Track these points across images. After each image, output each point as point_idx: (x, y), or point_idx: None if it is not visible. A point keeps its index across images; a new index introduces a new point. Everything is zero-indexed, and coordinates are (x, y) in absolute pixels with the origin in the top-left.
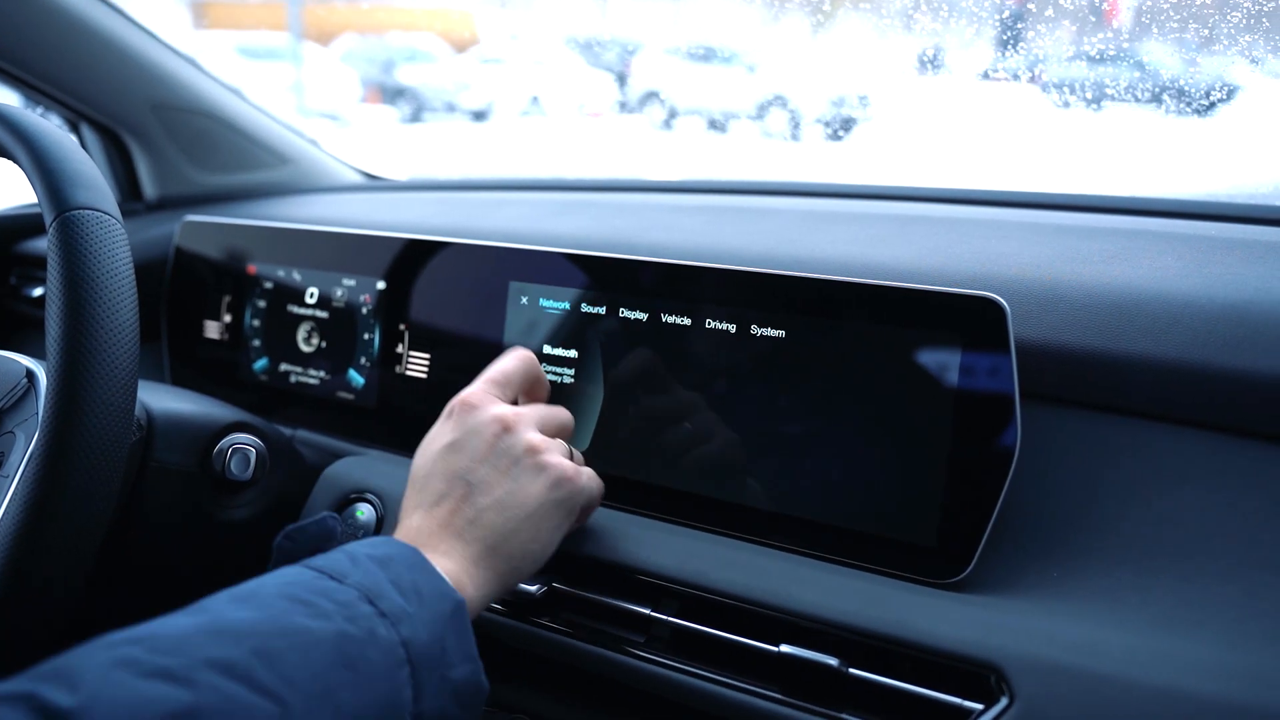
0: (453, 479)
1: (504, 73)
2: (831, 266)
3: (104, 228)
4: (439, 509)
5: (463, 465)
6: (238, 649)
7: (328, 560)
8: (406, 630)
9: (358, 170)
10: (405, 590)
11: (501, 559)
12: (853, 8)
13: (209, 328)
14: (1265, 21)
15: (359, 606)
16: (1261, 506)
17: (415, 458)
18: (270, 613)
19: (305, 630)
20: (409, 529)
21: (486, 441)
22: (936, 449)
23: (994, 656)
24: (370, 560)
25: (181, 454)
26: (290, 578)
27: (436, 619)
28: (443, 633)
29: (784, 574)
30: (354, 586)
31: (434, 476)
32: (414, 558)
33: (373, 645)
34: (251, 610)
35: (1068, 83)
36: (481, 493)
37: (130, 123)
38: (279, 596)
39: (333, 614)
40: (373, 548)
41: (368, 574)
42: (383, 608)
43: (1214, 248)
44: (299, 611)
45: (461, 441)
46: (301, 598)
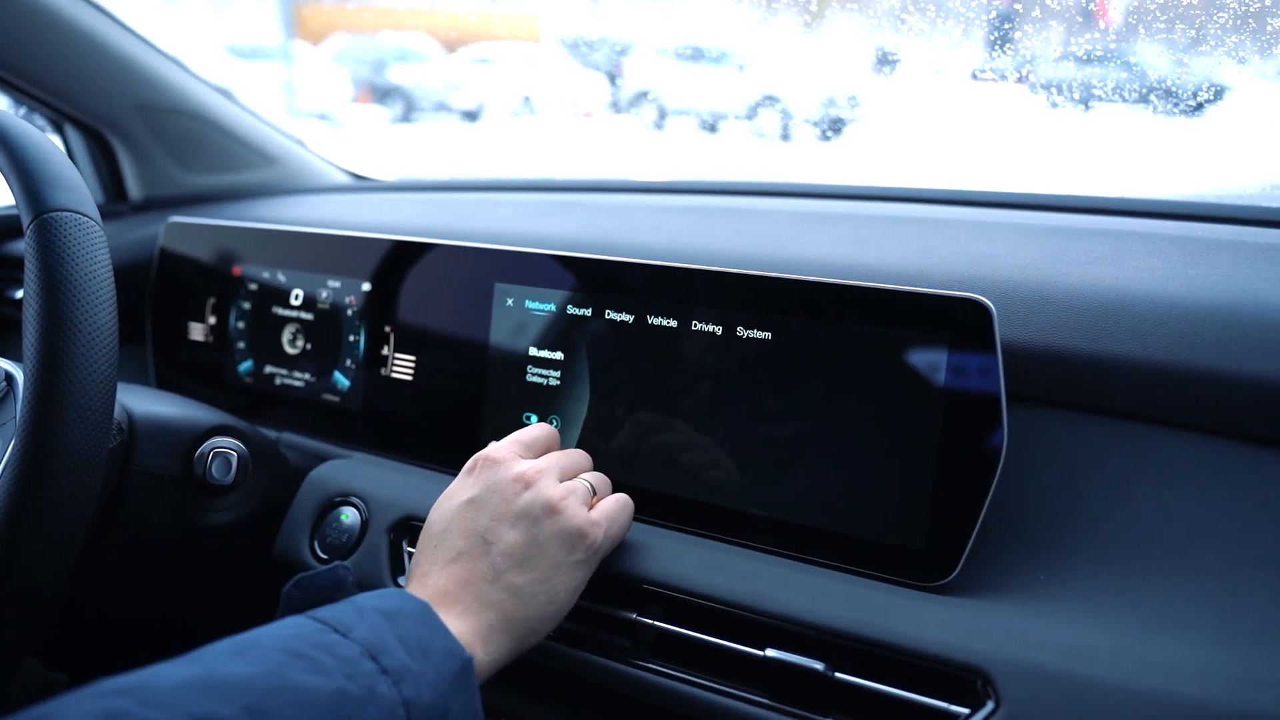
0: (472, 536)
1: (495, 73)
2: (818, 268)
3: (82, 229)
4: (456, 567)
5: (483, 524)
6: (229, 706)
7: (334, 612)
8: (409, 690)
9: (345, 171)
10: (411, 647)
11: (518, 623)
12: (842, 8)
13: (194, 330)
14: (1252, 22)
15: (361, 663)
16: (1248, 508)
17: (431, 513)
18: (267, 667)
19: (302, 687)
20: (426, 587)
21: (506, 500)
22: (923, 451)
23: (980, 661)
24: (377, 614)
25: (163, 457)
26: (293, 630)
27: (442, 678)
28: (447, 693)
29: (770, 577)
30: (358, 641)
31: (452, 533)
32: (423, 613)
33: (372, 704)
34: (248, 664)
35: (1057, 83)
36: (501, 554)
37: (115, 123)
38: (278, 650)
39: (333, 670)
40: (381, 600)
41: (373, 628)
42: (385, 664)
43: (1201, 249)
44: (297, 666)
45: (482, 499)
46: (302, 652)
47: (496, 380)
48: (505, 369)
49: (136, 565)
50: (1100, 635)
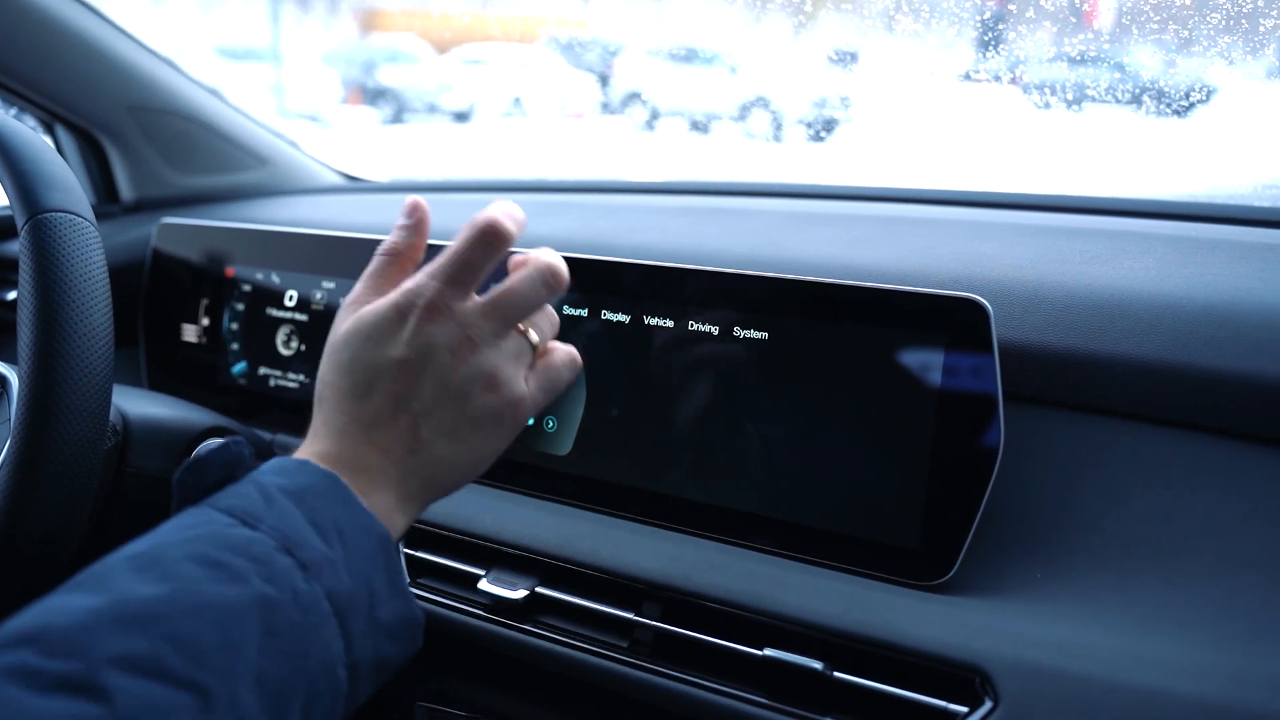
0: (395, 400)
1: (486, 74)
2: (814, 268)
3: (77, 230)
4: (377, 433)
5: (411, 390)
6: (146, 638)
7: (238, 500)
8: (329, 580)
9: (337, 172)
10: (326, 531)
11: (437, 490)
12: (834, 9)
13: (187, 331)
14: (1244, 23)
15: (277, 560)
16: (1243, 506)
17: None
18: (178, 583)
19: (220, 603)
20: (341, 448)
21: (443, 370)
22: (920, 450)
23: (978, 659)
24: (285, 496)
25: (159, 459)
26: (198, 529)
27: (361, 559)
28: (368, 572)
29: (768, 577)
30: (268, 533)
31: (377, 392)
32: (334, 489)
33: (295, 605)
34: (156, 583)
35: (1048, 84)
36: (428, 426)
37: (106, 124)
38: (186, 559)
39: (248, 574)
40: (287, 477)
41: (283, 515)
42: (302, 558)
43: (1195, 248)
44: (211, 577)
45: (414, 364)
46: (212, 558)
47: None
48: None
49: None
50: (1098, 633)
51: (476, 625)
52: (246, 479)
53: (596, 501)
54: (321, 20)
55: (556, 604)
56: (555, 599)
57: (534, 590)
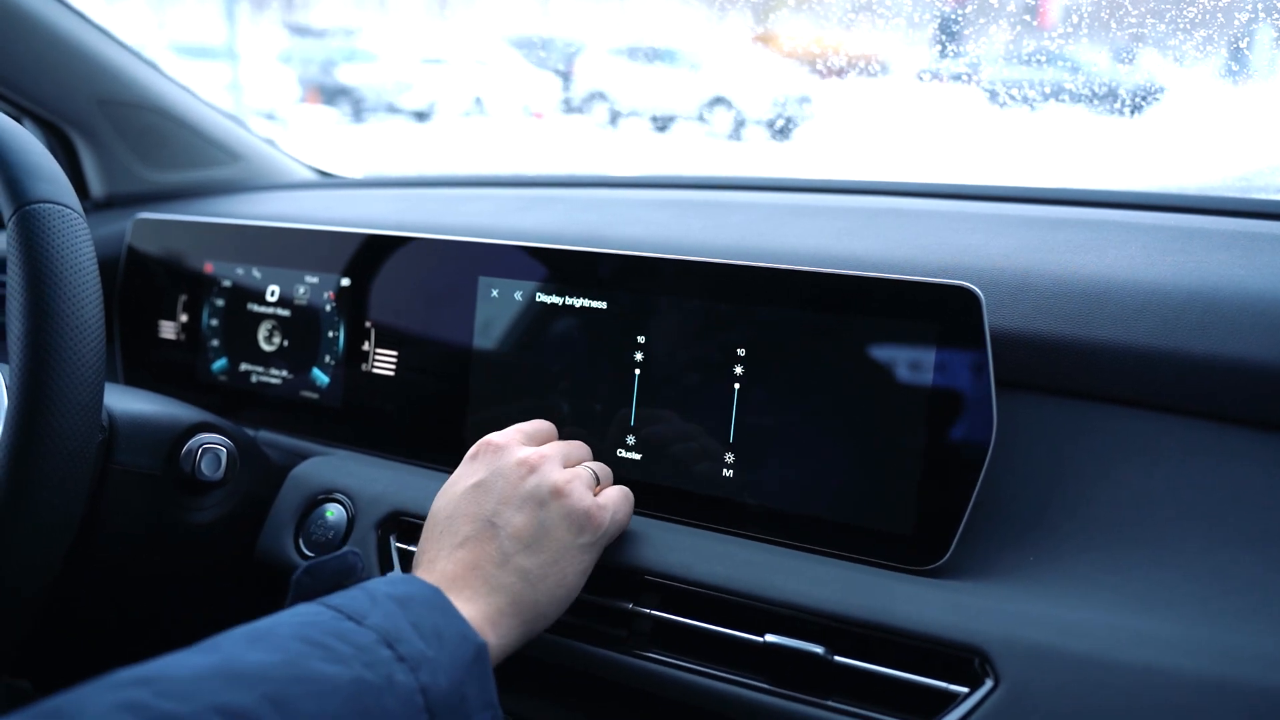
0: (478, 521)
1: (445, 73)
2: (802, 258)
3: (65, 221)
4: (463, 551)
5: (489, 507)
6: (249, 695)
7: (346, 599)
8: (426, 676)
9: (312, 168)
10: (425, 633)
11: (528, 606)
12: (794, 9)
13: (164, 328)
14: (1205, 17)
15: (377, 651)
16: (1229, 487)
17: (437, 499)
18: (285, 655)
19: (321, 676)
20: (434, 573)
21: (512, 483)
22: (913, 437)
23: (977, 640)
24: (390, 600)
25: (145, 456)
26: (307, 618)
27: (457, 664)
28: (463, 679)
29: (766, 564)
30: (372, 629)
31: (457, 518)
32: (435, 598)
33: (390, 693)
34: (265, 652)
35: (1006, 82)
36: (509, 537)
37: (75, 118)
38: (294, 638)
39: (350, 659)
40: (393, 586)
41: (387, 615)
42: (402, 652)
43: (1176, 237)
44: (315, 655)
45: (488, 483)
46: (318, 640)
47: (481, 374)
48: (489, 362)
49: (118, 564)
50: (1092, 613)
51: None
52: (357, 586)
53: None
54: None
55: None
56: None
57: None
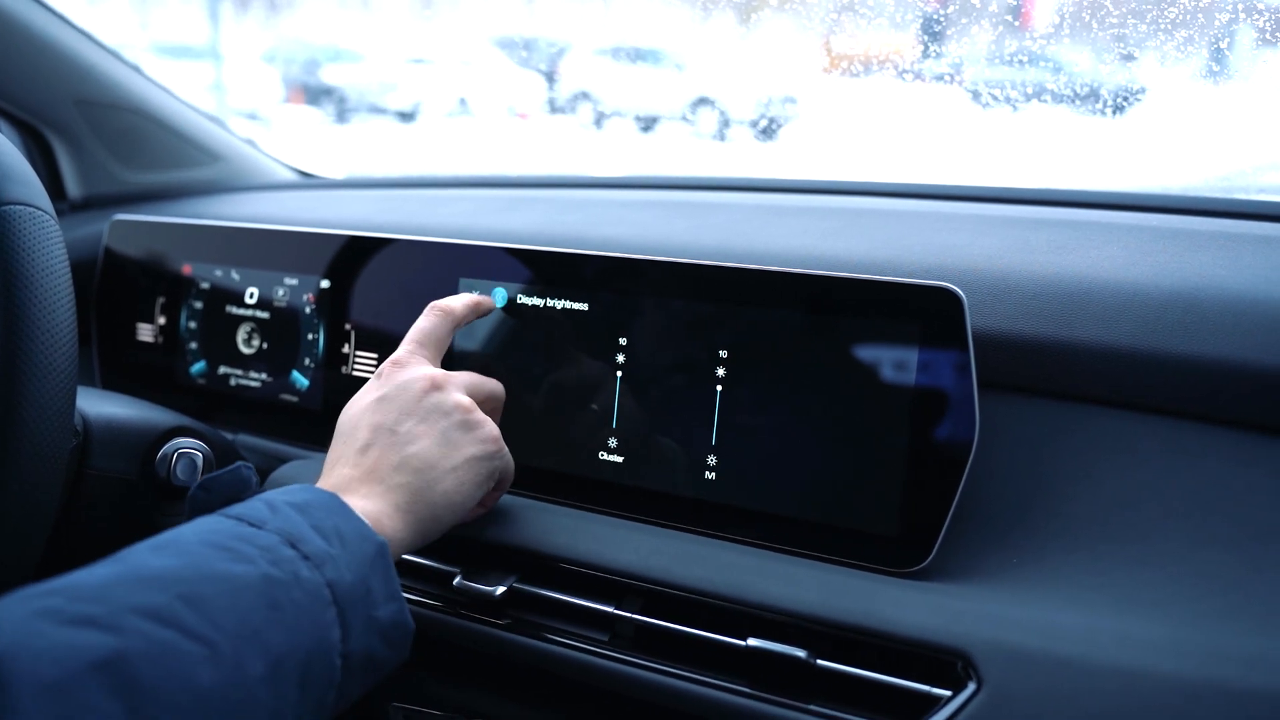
0: (378, 429)
1: (430, 73)
2: (785, 259)
3: (37, 224)
4: (364, 458)
5: (390, 418)
6: (162, 595)
7: (246, 508)
8: (330, 572)
9: (292, 168)
10: (327, 534)
11: (424, 505)
12: (779, 8)
13: (142, 331)
14: (1200, 17)
15: (281, 550)
16: (1211, 488)
17: (342, 412)
18: (192, 559)
19: (229, 575)
20: (334, 477)
21: (415, 396)
22: (896, 439)
23: (960, 643)
24: (289, 506)
25: (120, 460)
26: (209, 526)
27: (360, 560)
28: (366, 574)
29: (748, 567)
30: (274, 531)
31: (360, 428)
32: (333, 502)
33: (298, 587)
34: (172, 558)
35: (990, 83)
36: (408, 442)
37: (52, 119)
38: (200, 544)
39: (255, 558)
40: (290, 495)
41: (287, 520)
42: (305, 551)
43: (1158, 238)
44: (221, 557)
45: (390, 396)
46: (223, 544)
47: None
48: (470, 365)
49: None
50: (1075, 615)
51: (453, 623)
52: (256, 497)
53: (573, 496)
54: (261, 18)
55: (536, 599)
56: (534, 594)
57: (512, 585)
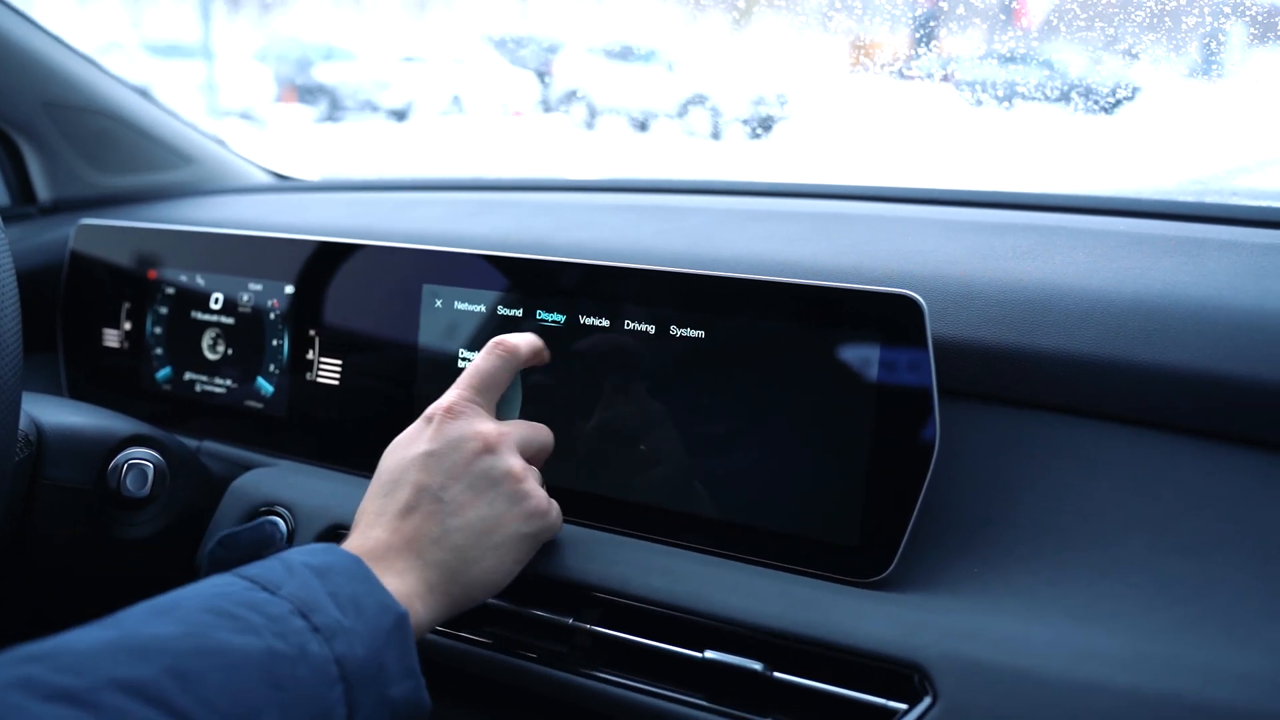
0: (423, 491)
1: (424, 71)
2: (750, 265)
3: None
4: (404, 523)
5: (437, 480)
6: (150, 668)
7: (262, 569)
8: (341, 646)
9: (266, 170)
10: (343, 603)
11: (458, 586)
12: (770, 7)
13: (108, 336)
14: (1167, 21)
15: (290, 621)
16: (1171, 497)
17: (385, 457)
18: (190, 627)
19: (229, 648)
20: (369, 539)
21: (466, 458)
22: (857, 447)
23: (916, 656)
24: (307, 570)
25: (75, 470)
26: (218, 588)
27: (375, 633)
28: (382, 648)
29: (706, 578)
30: (286, 599)
31: (403, 485)
32: (355, 568)
33: (304, 663)
34: (170, 624)
35: (980, 81)
36: (452, 513)
37: (20, 121)
38: (202, 609)
39: (261, 629)
40: (311, 555)
41: (303, 585)
42: (316, 622)
43: (1123, 243)
44: (224, 626)
45: (439, 454)
46: (228, 610)
47: (427, 383)
48: (435, 372)
49: (51, 579)
50: (1033, 626)
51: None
52: (275, 557)
53: None
54: (253, 17)
55: (492, 611)
56: (491, 605)
57: None
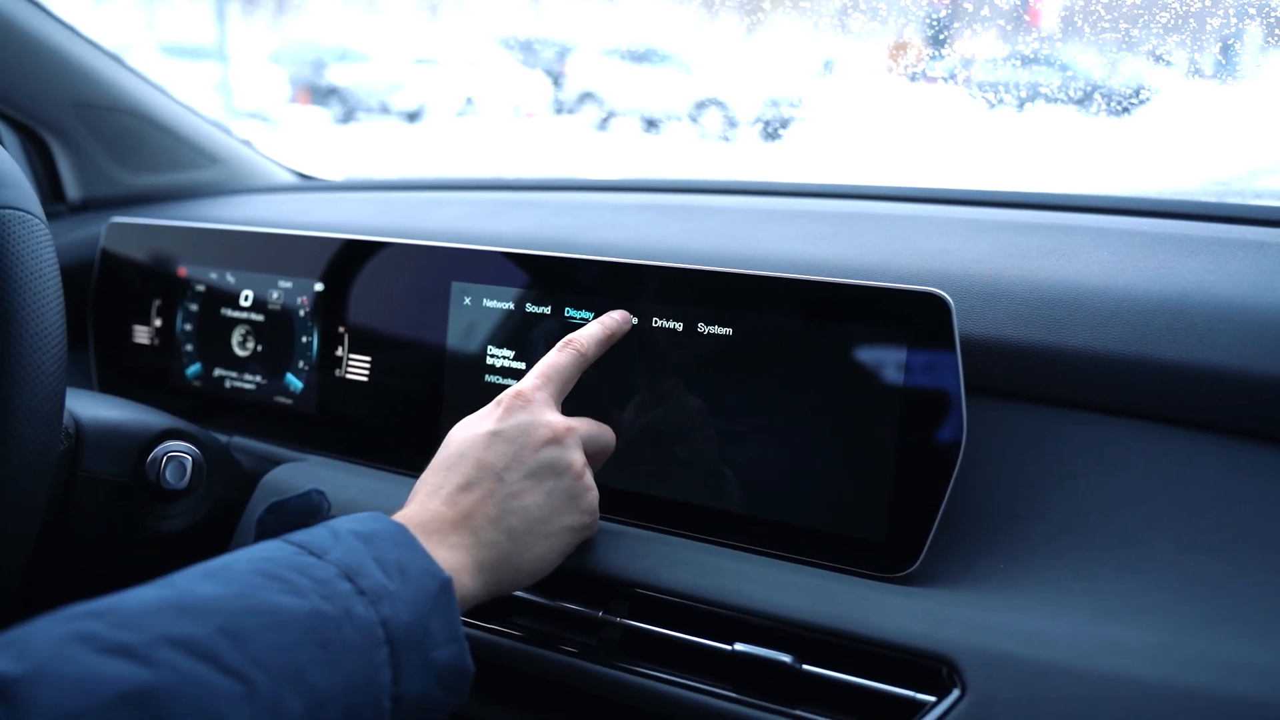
0: (485, 469)
1: (437, 73)
2: (776, 264)
3: (26, 228)
4: (463, 496)
5: (501, 461)
6: (202, 626)
7: (309, 535)
8: (387, 609)
9: (290, 170)
10: (388, 567)
11: (508, 569)
12: (785, 10)
13: (138, 333)
14: (1191, 22)
15: (337, 584)
16: (1196, 494)
17: (452, 433)
18: (240, 588)
19: (277, 607)
20: (426, 511)
21: (533, 445)
22: (884, 444)
23: (945, 649)
24: (353, 536)
25: (112, 463)
26: (267, 553)
27: (420, 598)
28: (426, 612)
29: (735, 571)
30: (333, 563)
31: (465, 461)
32: (400, 534)
33: (349, 624)
34: (220, 585)
35: (997, 84)
36: (511, 496)
37: (51, 121)
38: (252, 572)
39: (307, 591)
40: (358, 523)
41: (349, 550)
42: (362, 585)
43: (1148, 243)
44: (271, 588)
45: (506, 435)
46: (276, 574)
47: (454, 380)
48: (463, 369)
49: (86, 572)
50: (1060, 621)
51: None
52: (322, 524)
53: None
54: (267, 18)
55: (522, 603)
56: (522, 599)
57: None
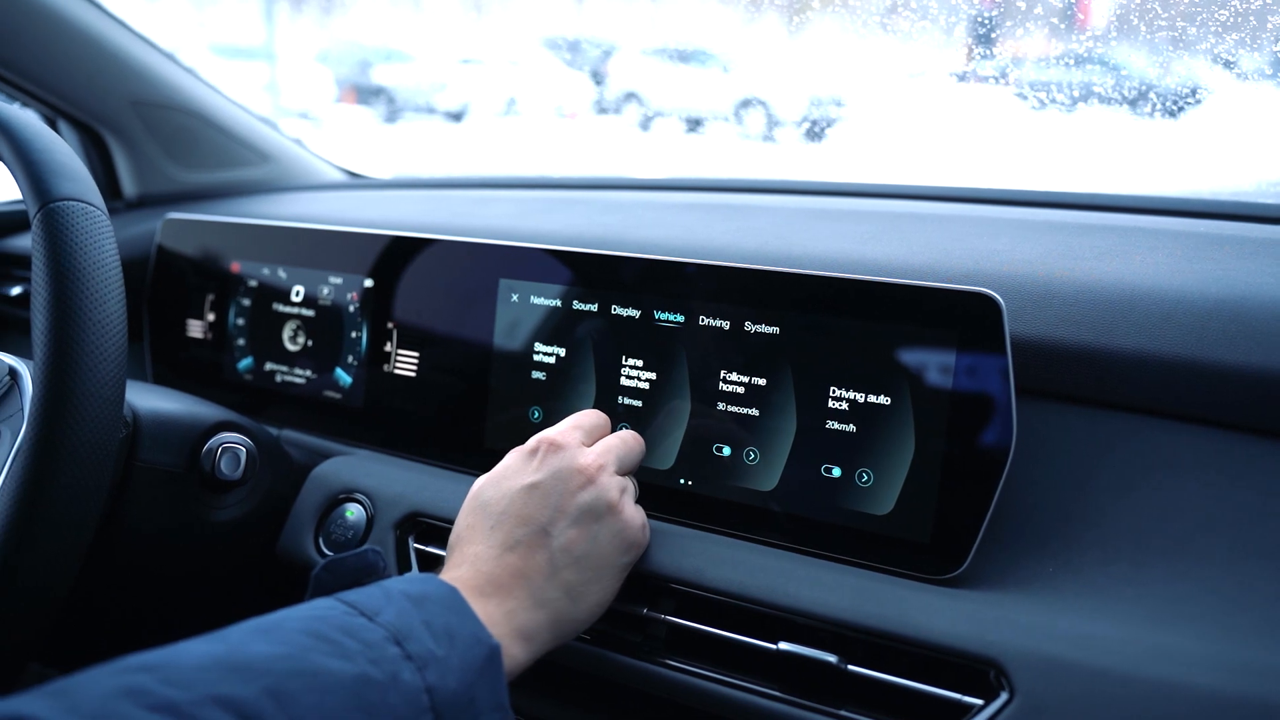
0: (529, 524)
1: (481, 73)
2: (824, 263)
3: (89, 219)
4: (512, 555)
5: (544, 514)
6: (250, 686)
7: (361, 595)
8: (433, 676)
9: (340, 168)
10: (437, 632)
11: (569, 623)
12: (828, 9)
13: (192, 327)
14: (1251, 20)
15: (385, 648)
16: (1251, 499)
17: (486, 488)
18: (290, 649)
19: (324, 670)
20: (474, 572)
21: (570, 491)
22: (932, 445)
23: (993, 652)
24: (404, 598)
25: (168, 453)
26: (319, 612)
27: (468, 666)
28: (473, 680)
29: (780, 571)
30: (383, 626)
31: (510, 517)
32: (451, 598)
33: (395, 690)
34: (271, 644)
35: (1043, 84)
36: (561, 549)
37: (109, 119)
38: (302, 632)
39: (356, 654)
40: (409, 584)
41: (400, 613)
42: (410, 650)
43: (1204, 244)
44: (321, 650)
45: (544, 487)
46: (326, 635)
47: (501, 376)
48: (510, 365)
49: (140, 562)
50: (1110, 625)
51: None
52: (375, 584)
53: None
54: (314, 19)
55: None
56: None
57: None
